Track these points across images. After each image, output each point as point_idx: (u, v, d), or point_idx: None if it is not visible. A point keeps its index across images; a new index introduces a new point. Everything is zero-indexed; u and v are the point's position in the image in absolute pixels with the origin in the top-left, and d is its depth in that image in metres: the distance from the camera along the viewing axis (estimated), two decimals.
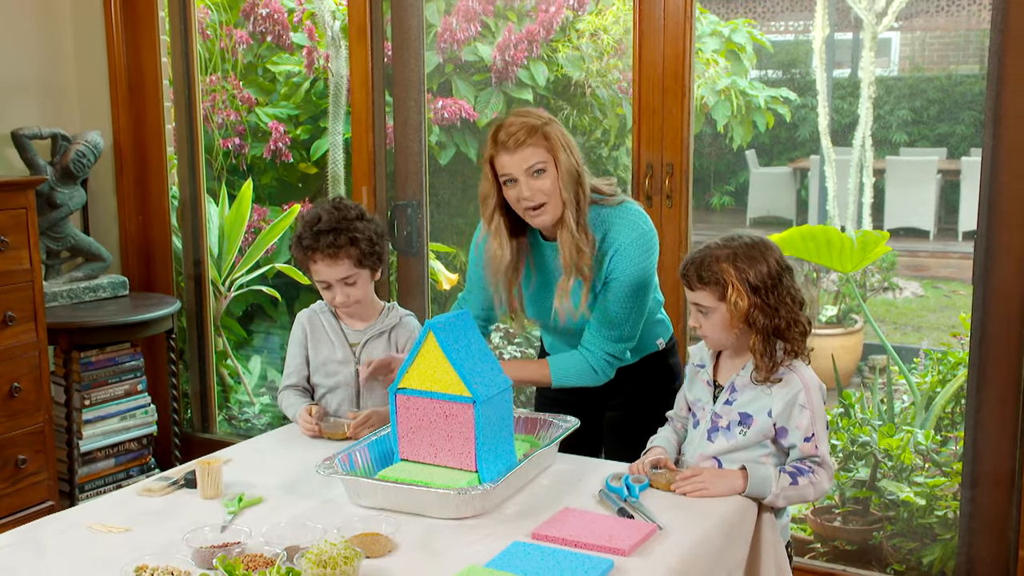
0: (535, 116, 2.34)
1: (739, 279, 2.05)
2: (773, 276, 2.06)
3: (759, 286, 2.05)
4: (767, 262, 2.07)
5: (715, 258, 2.07)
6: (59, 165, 3.84)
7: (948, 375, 3.84)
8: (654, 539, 1.88)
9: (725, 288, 2.05)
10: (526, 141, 2.29)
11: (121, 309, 3.83)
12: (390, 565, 1.79)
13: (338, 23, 4.56)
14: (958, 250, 7.75)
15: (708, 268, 2.07)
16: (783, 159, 8.79)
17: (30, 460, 3.40)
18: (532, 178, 2.30)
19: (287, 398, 2.63)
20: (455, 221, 5.27)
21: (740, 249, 2.07)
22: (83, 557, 1.85)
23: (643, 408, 2.47)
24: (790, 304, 2.07)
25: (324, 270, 2.49)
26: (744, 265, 2.05)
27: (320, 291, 2.56)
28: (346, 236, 2.46)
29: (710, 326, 2.10)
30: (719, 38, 5.77)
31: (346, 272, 2.49)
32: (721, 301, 2.06)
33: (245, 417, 4.69)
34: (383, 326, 2.60)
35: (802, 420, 2.06)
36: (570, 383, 2.45)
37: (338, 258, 2.47)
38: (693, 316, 2.14)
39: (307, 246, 2.48)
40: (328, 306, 2.61)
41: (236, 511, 2.02)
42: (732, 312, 2.05)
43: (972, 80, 8.45)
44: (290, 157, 4.91)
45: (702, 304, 2.09)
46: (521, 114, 2.35)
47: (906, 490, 3.43)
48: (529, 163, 2.29)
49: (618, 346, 2.42)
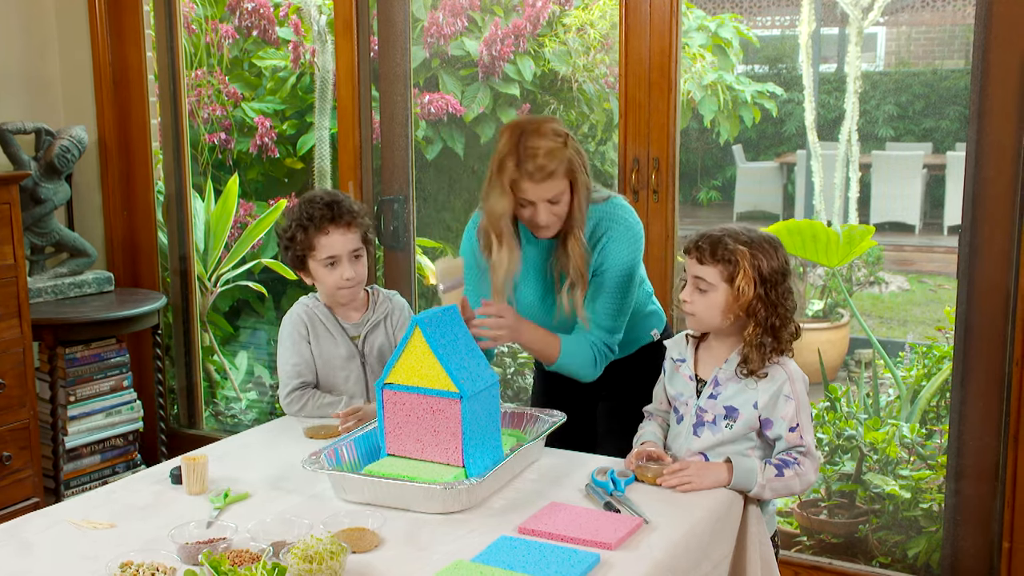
0: (556, 138, 2.28)
1: (752, 266, 2.05)
2: (782, 274, 2.08)
3: (768, 279, 2.06)
4: (778, 259, 2.09)
5: (734, 238, 2.08)
6: (43, 160, 3.81)
7: (933, 369, 3.86)
8: (640, 533, 1.88)
9: (736, 270, 2.05)
10: (554, 173, 2.25)
11: (106, 305, 3.81)
12: (376, 560, 1.79)
13: (324, 17, 4.55)
14: (943, 244, 7.79)
15: (725, 246, 2.06)
16: (770, 154, 8.82)
17: (15, 457, 3.38)
18: (550, 204, 2.30)
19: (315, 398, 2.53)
20: (442, 216, 5.27)
21: (757, 239, 2.09)
22: (68, 553, 1.84)
23: (638, 399, 2.47)
24: (787, 305, 2.08)
25: (338, 241, 2.46)
26: (759, 254, 2.07)
27: (321, 274, 2.50)
28: (353, 207, 2.49)
29: (705, 304, 2.09)
30: (705, 33, 5.78)
31: (356, 244, 2.49)
32: (727, 282, 2.06)
33: (232, 413, 4.68)
34: (378, 315, 2.59)
35: (787, 410, 2.07)
36: (568, 370, 2.44)
37: (352, 227, 2.47)
38: (687, 290, 2.11)
39: (320, 217, 2.45)
40: (319, 301, 2.59)
41: (222, 507, 2.02)
42: (735, 296, 2.06)
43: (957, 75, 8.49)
44: (276, 152, 4.90)
45: (706, 279, 2.08)
46: (542, 134, 2.27)
47: (891, 483, 3.45)
48: (552, 193, 2.28)
49: (613, 338, 2.43)
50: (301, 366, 2.55)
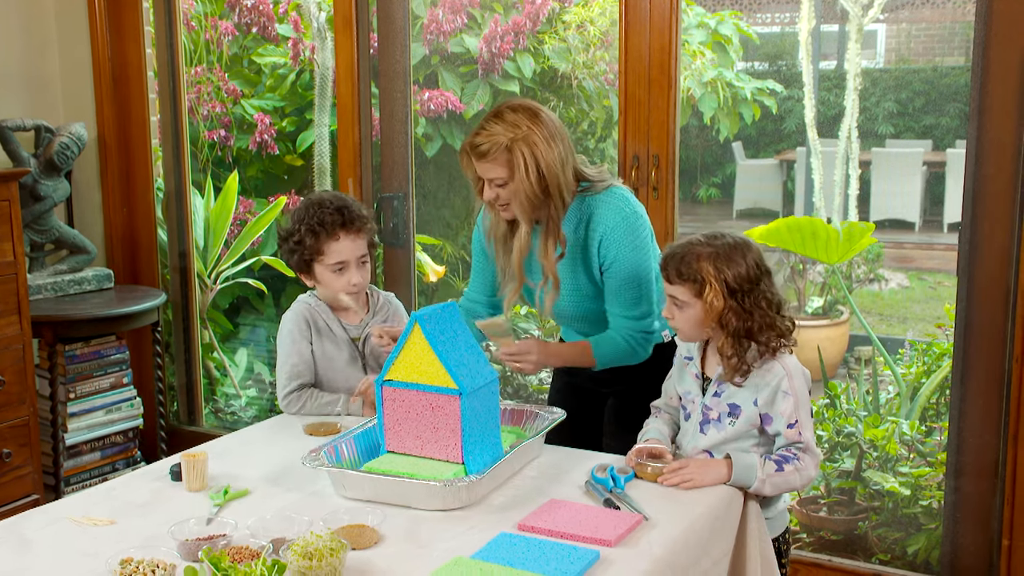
0: (509, 128, 2.29)
1: (717, 279, 2.07)
2: (752, 279, 2.08)
3: (736, 288, 2.07)
4: (746, 264, 2.08)
5: (696, 255, 2.09)
6: (43, 157, 3.81)
7: (933, 366, 3.86)
8: (640, 530, 1.88)
9: (703, 286, 2.07)
10: (487, 155, 2.29)
11: (106, 302, 3.81)
12: (376, 557, 1.79)
13: (324, 14, 4.54)
14: (943, 242, 7.79)
15: (688, 264, 2.09)
16: (769, 151, 8.81)
17: (15, 453, 3.38)
18: (492, 186, 2.33)
19: (313, 397, 2.53)
20: (441, 213, 5.27)
21: (722, 249, 2.09)
22: (68, 550, 1.85)
23: (645, 398, 2.48)
24: (764, 308, 2.08)
25: (347, 247, 2.46)
26: (723, 266, 2.07)
27: (327, 278, 2.49)
28: (362, 212, 2.50)
29: (683, 320, 2.13)
30: (705, 30, 5.78)
31: (364, 249, 2.49)
32: (697, 298, 2.09)
33: (231, 410, 4.68)
34: (379, 318, 2.60)
35: (785, 406, 2.07)
36: (614, 364, 2.47)
37: (361, 233, 2.48)
38: (667, 308, 2.16)
39: (331, 223, 2.44)
40: (320, 300, 2.59)
41: (222, 504, 2.02)
42: (707, 310, 2.08)
43: (957, 72, 8.48)
44: (276, 149, 4.90)
45: (678, 298, 2.12)
46: (498, 120, 2.31)
47: (891, 480, 3.45)
48: (490, 175, 2.32)
49: (643, 323, 2.44)
50: (300, 366, 2.54)
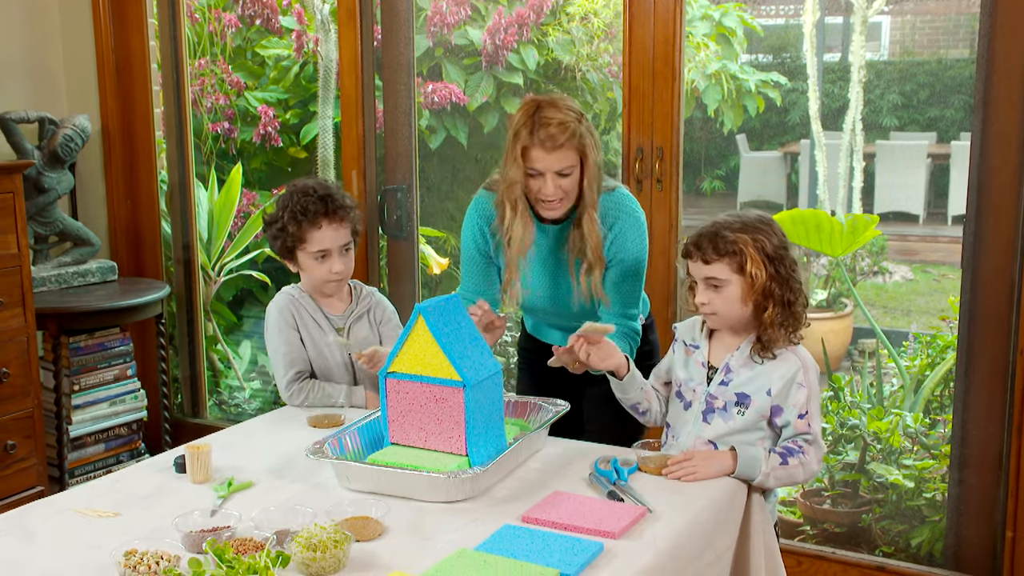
0: (569, 112, 2.32)
1: (756, 249, 2.05)
2: (785, 246, 2.08)
3: (774, 257, 2.06)
4: (776, 234, 2.08)
5: (730, 229, 2.07)
6: (46, 149, 3.81)
7: (937, 359, 3.85)
8: (644, 522, 1.89)
9: (744, 259, 2.04)
10: (564, 144, 2.29)
11: (110, 294, 3.81)
12: (380, 548, 1.79)
13: (327, 6, 4.54)
14: (947, 234, 7.77)
15: (724, 239, 2.06)
16: (773, 143, 8.79)
17: (19, 445, 3.39)
18: (559, 177, 2.32)
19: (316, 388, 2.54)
20: (445, 205, 5.26)
21: (750, 223, 2.08)
22: (72, 542, 1.85)
23: None
24: (797, 276, 2.08)
25: (330, 235, 2.48)
26: (760, 235, 2.06)
27: (309, 265, 2.52)
28: (345, 201, 2.50)
29: (723, 300, 2.08)
30: (709, 22, 5.75)
31: (347, 238, 2.50)
32: (738, 273, 2.05)
33: (235, 402, 4.69)
34: (362, 308, 2.61)
35: (799, 397, 2.07)
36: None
37: (344, 221, 2.49)
38: (701, 293, 2.10)
39: (313, 211, 2.46)
40: (303, 291, 2.60)
41: (226, 495, 2.02)
42: (750, 283, 2.05)
43: (962, 64, 8.45)
44: (279, 141, 4.89)
45: (717, 277, 2.07)
46: (557, 107, 2.32)
47: (895, 473, 3.45)
48: (562, 165, 2.31)
49: (635, 322, 2.50)
50: (293, 354, 2.56)
